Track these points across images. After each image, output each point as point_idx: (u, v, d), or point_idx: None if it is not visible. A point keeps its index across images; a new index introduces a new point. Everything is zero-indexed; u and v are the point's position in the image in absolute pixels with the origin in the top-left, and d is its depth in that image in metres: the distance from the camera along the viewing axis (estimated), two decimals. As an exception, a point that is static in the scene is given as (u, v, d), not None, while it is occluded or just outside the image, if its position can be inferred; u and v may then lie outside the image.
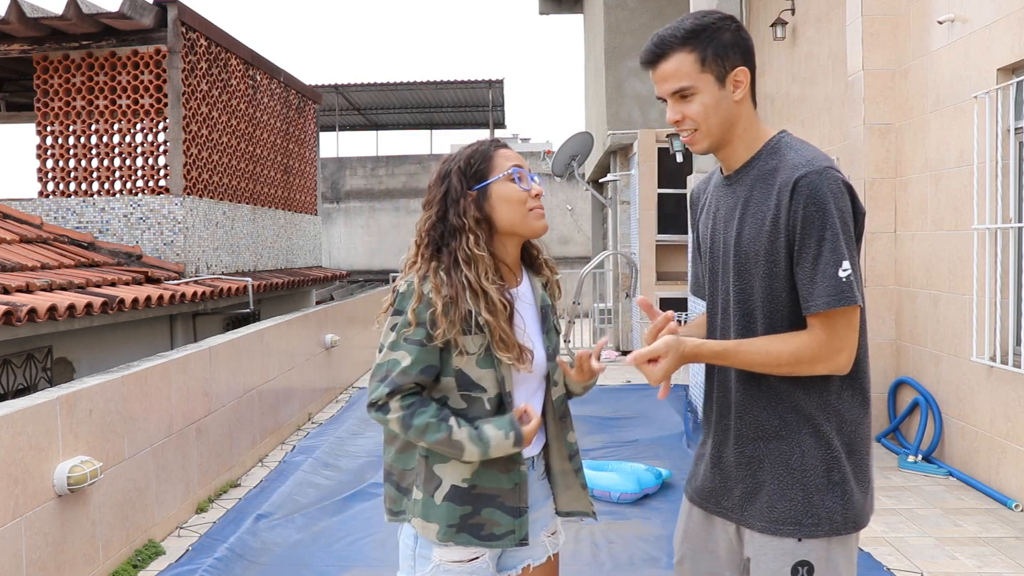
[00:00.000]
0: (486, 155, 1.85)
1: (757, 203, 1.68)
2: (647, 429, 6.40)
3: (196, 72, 7.84)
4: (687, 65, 1.66)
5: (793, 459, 1.68)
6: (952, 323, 5.23)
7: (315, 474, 5.31)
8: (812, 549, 1.66)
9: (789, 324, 1.66)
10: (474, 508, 1.80)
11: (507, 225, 1.83)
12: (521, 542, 1.84)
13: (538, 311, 1.92)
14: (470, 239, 1.78)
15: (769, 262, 1.66)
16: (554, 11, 16.47)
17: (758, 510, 1.71)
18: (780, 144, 1.72)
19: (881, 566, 3.78)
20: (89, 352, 6.19)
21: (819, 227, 1.59)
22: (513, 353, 1.77)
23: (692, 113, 1.68)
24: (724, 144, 1.74)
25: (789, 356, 1.62)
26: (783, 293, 1.66)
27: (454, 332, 1.74)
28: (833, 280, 1.58)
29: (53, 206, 7.56)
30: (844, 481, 1.67)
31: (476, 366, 1.78)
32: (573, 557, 3.96)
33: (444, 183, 1.84)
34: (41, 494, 3.30)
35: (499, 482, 1.81)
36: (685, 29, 1.67)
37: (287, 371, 6.71)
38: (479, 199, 1.82)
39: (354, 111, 21.01)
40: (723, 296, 1.78)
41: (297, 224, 10.87)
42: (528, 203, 1.82)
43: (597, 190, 14.17)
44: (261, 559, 4.00)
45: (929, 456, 5.37)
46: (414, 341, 1.75)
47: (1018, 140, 4.75)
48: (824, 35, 7.22)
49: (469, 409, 1.80)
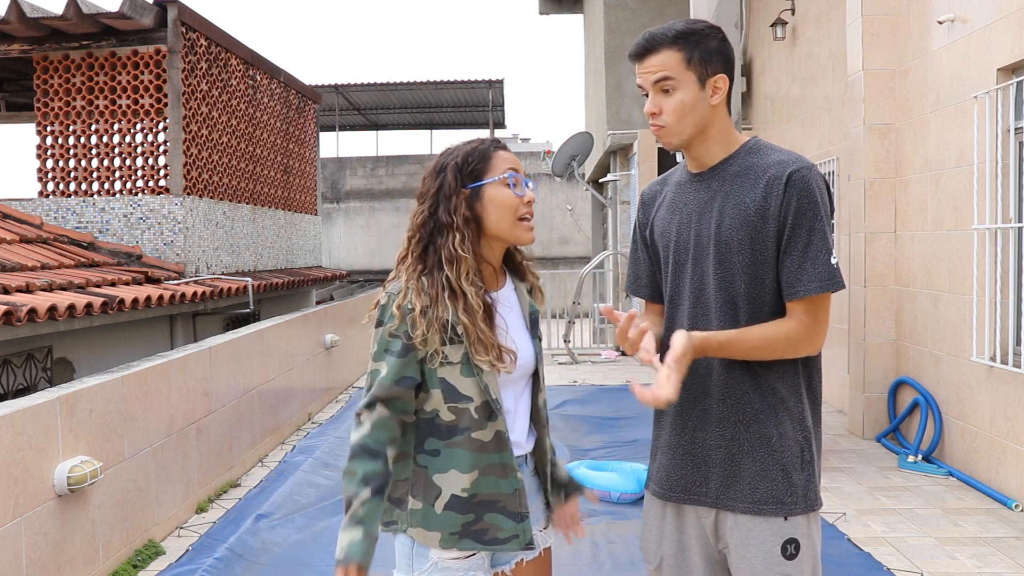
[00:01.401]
0: (484, 154, 1.84)
1: (739, 195, 1.76)
2: (647, 429, 6.37)
3: (196, 72, 7.84)
4: (673, 61, 1.76)
5: (773, 440, 1.74)
6: (952, 323, 5.23)
7: (315, 474, 5.31)
8: (797, 526, 1.74)
9: (771, 310, 1.75)
10: (476, 515, 1.80)
11: (495, 229, 1.82)
12: (527, 546, 1.84)
13: (525, 315, 1.92)
14: (456, 237, 1.78)
15: (754, 250, 1.74)
16: (554, 11, 16.47)
17: (739, 492, 1.75)
18: (758, 145, 1.82)
19: (881, 566, 3.78)
20: (89, 352, 6.19)
21: (811, 218, 1.70)
22: (492, 354, 1.77)
23: (669, 107, 1.77)
24: (696, 143, 1.81)
25: (784, 340, 1.70)
26: (767, 280, 1.74)
27: (434, 337, 1.74)
28: (826, 267, 1.69)
29: (53, 206, 7.56)
30: (812, 460, 1.78)
31: (460, 375, 1.78)
32: (573, 557, 3.96)
33: (439, 177, 1.84)
34: (41, 494, 3.30)
35: (499, 487, 1.81)
36: (676, 30, 1.77)
37: (287, 371, 6.71)
38: (471, 198, 1.81)
39: (354, 111, 21.02)
40: (693, 287, 1.82)
41: (297, 224, 10.87)
42: (519, 210, 1.82)
43: (597, 190, 14.18)
44: (261, 559, 4.00)
45: (929, 456, 5.37)
46: (392, 352, 1.77)
47: (1018, 140, 4.75)
48: (824, 35, 7.22)
49: (458, 421, 1.79)
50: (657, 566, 1.89)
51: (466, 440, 1.79)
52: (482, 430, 1.79)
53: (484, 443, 1.80)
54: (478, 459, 1.80)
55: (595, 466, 5.09)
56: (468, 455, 1.79)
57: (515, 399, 1.88)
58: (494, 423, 1.80)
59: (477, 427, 1.79)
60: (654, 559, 1.89)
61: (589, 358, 11.04)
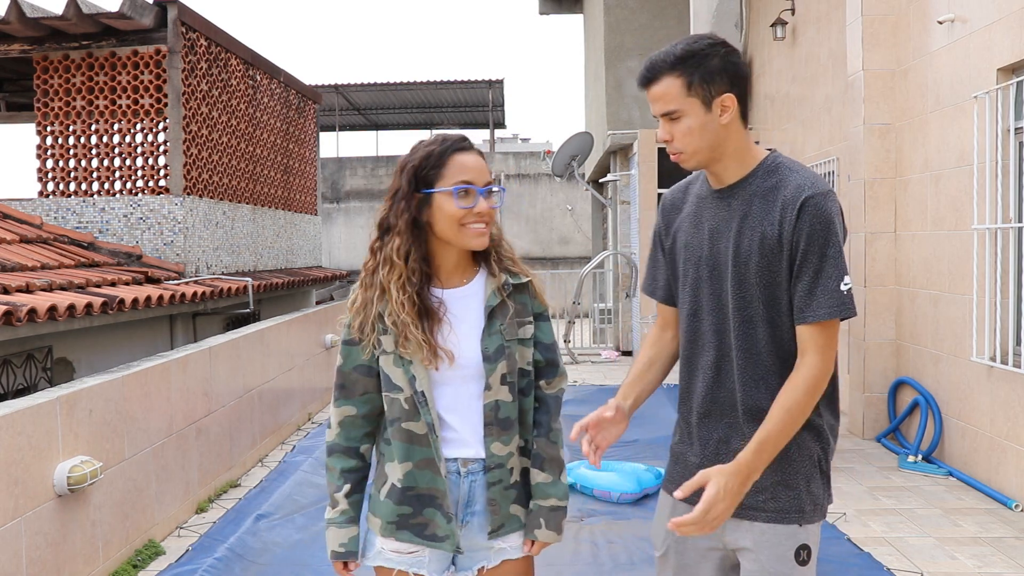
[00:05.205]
0: (439, 161, 1.82)
1: (756, 218, 1.77)
2: (647, 429, 6.39)
3: (196, 72, 7.83)
4: (674, 89, 1.75)
5: (791, 451, 1.77)
6: (952, 323, 5.23)
7: (315, 474, 5.31)
8: (811, 533, 1.79)
9: (788, 329, 1.77)
10: (414, 508, 1.84)
11: (442, 234, 1.84)
12: (456, 550, 1.85)
13: (484, 312, 1.87)
14: (395, 242, 1.82)
15: (769, 272, 1.76)
16: (554, 11, 16.46)
17: (760, 502, 1.78)
18: (777, 164, 1.82)
19: (881, 566, 3.78)
20: (89, 352, 6.19)
21: (823, 244, 1.71)
22: (421, 352, 1.80)
23: (679, 134, 1.78)
24: (713, 162, 1.82)
25: (804, 396, 1.70)
26: (783, 301, 1.77)
27: (368, 328, 1.84)
28: (836, 293, 1.70)
29: (53, 206, 7.56)
30: (827, 471, 1.83)
31: (392, 365, 1.83)
32: (573, 557, 3.97)
33: (398, 178, 1.86)
34: (41, 494, 3.30)
35: (435, 483, 1.83)
36: (675, 55, 1.76)
37: (287, 371, 6.71)
38: (422, 202, 1.82)
39: (354, 111, 21.01)
40: (712, 303, 1.84)
41: (297, 224, 10.87)
42: (464, 219, 1.80)
43: (597, 190, 14.17)
44: (261, 559, 4.00)
45: (929, 456, 5.37)
46: (346, 341, 1.88)
47: (1018, 140, 4.75)
48: (824, 35, 7.22)
49: (389, 410, 1.85)
50: (663, 553, 1.94)
51: (398, 431, 1.84)
52: (413, 422, 1.82)
53: (417, 435, 1.82)
54: (411, 451, 1.83)
55: (595, 466, 5.08)
56: (401, 446, 1.83)
57: (465, 399, 1.85)
58: (425, 417, 1.82)
59: (408, 418, 1.83)
60: (661, 546, 1.94)
61: (589, 358, 11.04)
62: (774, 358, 1.77)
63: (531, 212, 19.07)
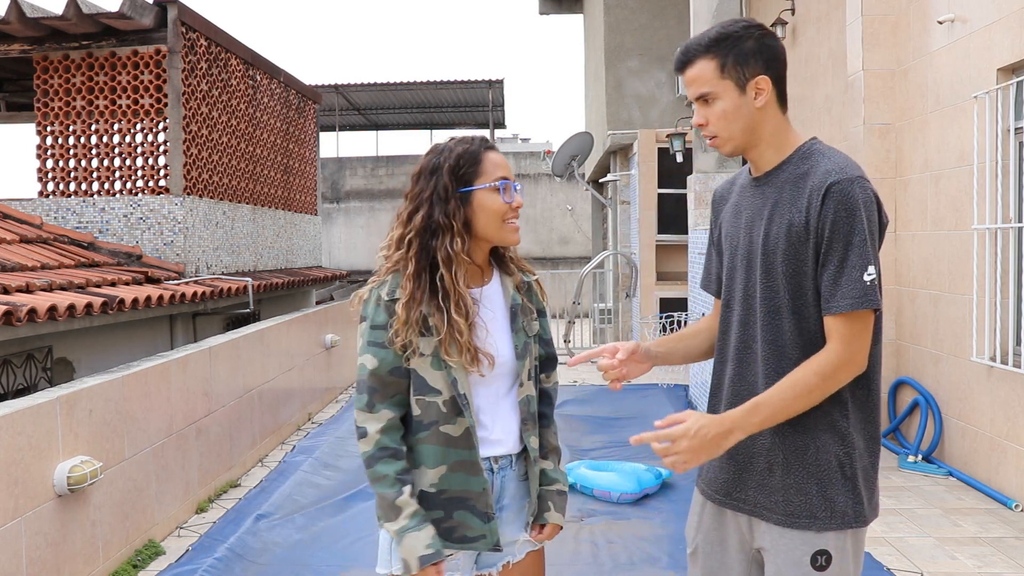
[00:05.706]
0: (475, 158, 1.85)
1: (786, 205, 1.73)
2: (647, 429, 6.39)
3: (196, 72, 7.83)
4: (708, 72, 1.74)
5: (808, 453, 1.72)
6: (952, 323, 5.23)
7: (315, 474, 5.31)
8: (830, 539, 1.71)
9: (815, 321, 1.71)
10: (446, 512, 1.83)
11: (483, 231, 1.85)
12: (495, 547, 1.85)
13: (507, 311, 1.91)
14: (457, 242, 1.80)
15: (796, 261, 1.70)
16: (554, 11, 16.47)
17: (774, 503, 1.75)
18: (812, 150, 1.76)
19: (881, 566, 3.78)
20: (89, 352, 6.19)
21: (847, 232, 1.64)
22: (465, 357, 1.79)
23: (713, 118, 1.75)
24: (750, 147, 1.79)
25: (815, 376, 1.65)
26: (809, 292, 1.71)
27: (410, 330, 1.78)
28: (858, 283, 1.63)
29: (53, 206, 7.56)
30: (855, 476, 1.72)
31: (430, 367, 1.81)
32: (573, 557, 3.97)
33: (433, 178, 1.85)
34: (41, 494, 3.30)
35: (469, 484, 1.83)
36: (709, 38, 1.74)
37: (287, 371, 6.71)
38: (461, 201, 1.83)
39: (354, 111, 21.00)
40: (742, 292, 1.82)
41: (297, 224, 10.87)
42: (507, 215, 1.85)
43: (597, 190, 14.17)
44: (261, 559, 4.00)
45: (929, 456, 5.37)
46: (377, 344, 1.81)
47: (1018, 140, 4.75)
48: (824, 35, 7.22)
49: (424, 415, 1.82)
50: (693, 551, 1.93)
51: (433, 434, 1.81)
52: (451, 424, 1.81)
53: (454, 438, 1.81)
54: (446, 454, 1.81)
55: (595, 466, 5.09)
56: (436, 450, 1.81)
57: (495, 398, 1.88)
58: (463, 418, 1.81)
59: (445, 421, 1.81)
60: (692, 544, 1.94)
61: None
62: (799, 351, 1.71)
63: (531, 212, 19.08)
